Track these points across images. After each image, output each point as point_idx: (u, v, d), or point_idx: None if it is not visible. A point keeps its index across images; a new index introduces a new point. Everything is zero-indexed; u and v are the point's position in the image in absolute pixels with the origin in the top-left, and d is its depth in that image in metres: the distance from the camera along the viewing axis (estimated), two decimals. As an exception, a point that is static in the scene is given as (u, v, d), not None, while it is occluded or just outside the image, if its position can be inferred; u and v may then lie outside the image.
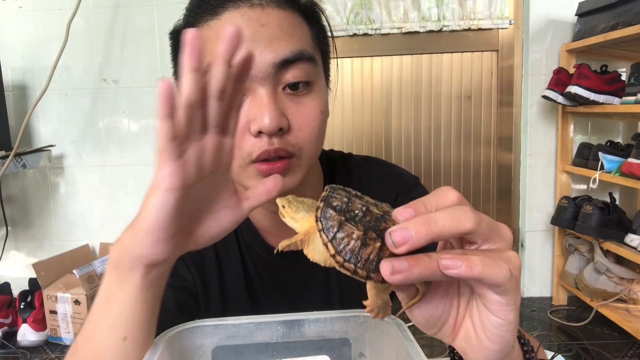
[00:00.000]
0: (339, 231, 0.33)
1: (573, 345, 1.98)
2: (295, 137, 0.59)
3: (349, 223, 0.33)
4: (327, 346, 0.51)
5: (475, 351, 0.38)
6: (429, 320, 0.39)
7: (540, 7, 2.28)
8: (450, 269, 0.31)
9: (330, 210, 0.34)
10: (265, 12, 0.57)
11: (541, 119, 2.36)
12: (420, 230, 0.31)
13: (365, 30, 2.34)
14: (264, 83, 0.57)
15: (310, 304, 0.69)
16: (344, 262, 0.33)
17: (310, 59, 0.59)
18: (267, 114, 0.56)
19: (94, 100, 2.32)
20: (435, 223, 0.31)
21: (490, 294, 0.34)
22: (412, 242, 0.30)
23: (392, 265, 0.31)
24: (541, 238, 2.42)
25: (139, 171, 2.37)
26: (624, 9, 1.86)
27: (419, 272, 0.31)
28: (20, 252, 2.45)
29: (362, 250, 0.32)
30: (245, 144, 0.58)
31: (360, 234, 0.33)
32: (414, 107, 2.45)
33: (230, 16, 0.57)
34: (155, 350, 0.46)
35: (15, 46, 2.30)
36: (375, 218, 0.34)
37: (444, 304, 0.39)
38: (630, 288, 2.02)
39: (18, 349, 2.08)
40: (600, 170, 2.00)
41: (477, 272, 0.31)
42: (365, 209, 0.34)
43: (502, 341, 0.36)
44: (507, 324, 0.35)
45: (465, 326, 0.39)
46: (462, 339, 0.39)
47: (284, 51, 0.57)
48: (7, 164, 1.90)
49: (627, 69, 2.10)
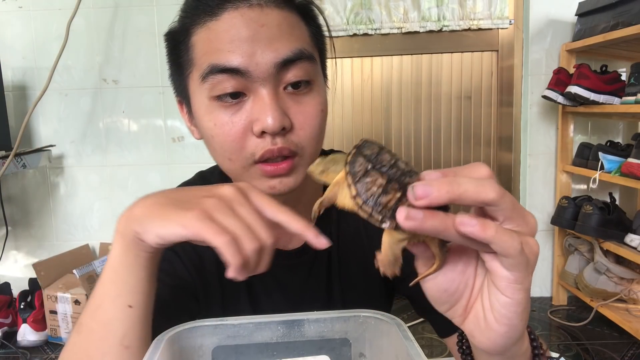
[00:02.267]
0: (364, 176, 0.35)
1: (573, 345, 1.98)
2: (298, 136, 0.59)
3: (374, 171, 0.35)
4: (327, 346, 0.51)
5: (482, 334, 0.38)
6: (442, 295, 0.40)
7: (540, 7, 2.28)
8: (464, 225, 0.31)
9: (360, 158, 0.36)
10: (265, 12, 0.57)
11: (541, 119, 2.36)
12: (442, 188, 0.31)
13: (365, 30, 2.34)
14: (266, 83, 0.57)
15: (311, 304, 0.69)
16: (362, 204, 0.35)
17: (310, 58, 0.60)
18: (270, 114, 0.56)
19: (94, 100, 2.32)
20: (458, 185, 0.32)
21: (499, 267, 0.34)
22: (432, 198, 0.31)
23: (407, 212, 0.31)
24: (541, 238, 2.42)
25: (139, 171, 2.37)
26: (624, 9, 1.86)
27: (432, 225, 0.31)
28: (20, 252, 2.45)
29: (382, 196, 0.34)
30: (248, 144, 0.58)
31: (384, 182, 0.34)
32: (414, 107, 2.46)
33: (229, 17, 0.57)
34: (155, 350, 0.46)
35: (15, 46, 2.30)
36: (401, 172, 0.35)
37: (459, 280, 0.39)
38: (630, 288, 2.02)
39: (18, 349, 2.08)
40: (600, 170, 2.00)
41: (489, 235, 0.31)
42: (394, 162, 0.36)
43: (509, 323, 0.36)
44: (514, 304, 0.35)
45: (476, 307, 0.39)
46: (472, 321, 0.39)
47: (284, 51, 0.57)
48: (7, 164, 1.90)
49: (627, 69, 2.10)
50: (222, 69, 0.57)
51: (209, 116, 0.60)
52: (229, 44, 0.56)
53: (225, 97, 0.58)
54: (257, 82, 0.57)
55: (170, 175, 2.37)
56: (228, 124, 0.59)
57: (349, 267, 0.72)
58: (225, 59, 0.56)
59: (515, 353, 0.42)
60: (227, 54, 0.56)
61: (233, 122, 0.58)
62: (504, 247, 0.32)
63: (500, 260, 0.34)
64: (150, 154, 2.36)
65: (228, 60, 0.56)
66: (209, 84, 0.58)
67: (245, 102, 0.58)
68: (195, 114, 0.63)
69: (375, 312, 0.51)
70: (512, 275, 0.34)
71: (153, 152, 2.35)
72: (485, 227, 0.31)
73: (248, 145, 0.58)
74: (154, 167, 2.36)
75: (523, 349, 0.42)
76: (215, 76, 0.57)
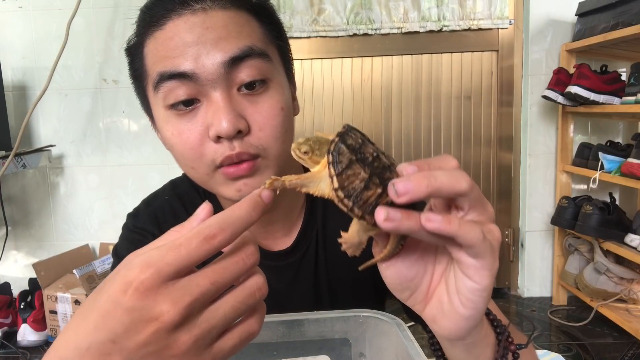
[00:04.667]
0: (347, 168, 0.34)
1: (573, 345, 1.98)
2: (257, 138, 0.58)
3: (358, 163, 0.35)
4: (327, 346, 0.51)
5: (446, 318, 0.39)
6: (402, 282, 0.40)
7: (540, 7, 2.28)
8: (430, 221, 0.32)
9: (343, 147, 0.35)
10: (209, 16, 0.57)
11: (541, 119, 2.36)
12: (421, 183, 0.32)
13: (365, 30, 2.34)
14: (217, 86, 0.56)
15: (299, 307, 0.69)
16: (343, 198, 0.34)
17: (262, 55, 0.58)
18: (224, 118, 0.55)
19: (94, 100, 2.32)
20: (435, 179, 0.33)
21: (466, 257, 0.35)
22: (412, 194, 0.32)
23: (387, 212, 0.32)
24: (541, 238, 2.42)
25: (139, 171, 2.37)
26: (624, 9, 1.86)
27: (408, 225, 0.33)
28: (20, 252, 2.45)
29: (364, 192, 0.34)
30: (207, 151, 0.57)
31: (366, 176, 0.34)
32: (414, 107, 2.45)
33: (173, 25, 0.56)
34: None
35: (15, 46, 2.30)
36: (382, 166, 0.35)
37: (418, 266, 0.40)
38: (630, 288, 2.02)
39: (18, 349, 2.08)
40: (600, 170, 2.00)
41: (453, 228, 0.33)
42: (376, 155, 0.35)
43: (474, 307, 0.37)
44: (481, 290, 0.36)
45: (438, 292, 0.40)
46: (434, 306, 0.40)
47: (231, 49, 0.56)
48: (7, 164, 1.90)
49: (627, 69, 2.10)
50: (170, 75, 0.56)
51: (167, 126, 0.60)
52: (173, 50, 0.56)
53: (179, 104, 0.57)
54: (207, 85, 0.56)
55: (170, 175, 2.35)
56: (185, 132, 0.58)
57: (336, 268, 0.72)
58: (171, 65, 0.56)
59: (476, 339, 0.42)
60: (173, 60, 0.56)
61: (189, 129, 0.57)
62: (467, 238, 0.33)
63: (465, 250, 0.35)
64: (150, 154, 2.36)
65: (174, 65, 0.56)
66: (162, 93, 0.57)
67: (199, 108, 0.57)
68: (157, 126, 0.63)
69: (375, 312, 0.51)
70: (478, 262, 0.35)
71: (153, 152, 2.35)
72: (450, 222, 0.33)
73: (207, 152, 0.57)
74: (154, 167, 2.36)
75: (483, 334, 0.43)
76: (165, 84, 0.57)
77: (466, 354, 0.43)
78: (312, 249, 0.71)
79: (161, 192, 0.78)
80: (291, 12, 2.31)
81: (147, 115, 0.66)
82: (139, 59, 0.61)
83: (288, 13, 2.31)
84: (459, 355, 0.43)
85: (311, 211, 0.72)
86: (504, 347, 0.44)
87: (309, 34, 2.33)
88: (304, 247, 0.71)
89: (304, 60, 2.40)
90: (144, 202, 0.78)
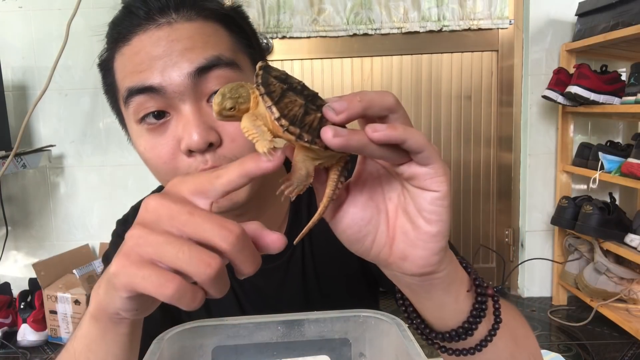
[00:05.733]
0: (282, 97, 0.33)
1: (573, 345, 1.98)
2: (230, 150, 0.56)
3: (290, 92, 0.34)
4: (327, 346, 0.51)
5: (416, 246, 0.38)
6: (361, 226, 0.39)
7: (540, 7, 2.28)
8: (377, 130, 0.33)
9: (270, 78, 0.34)
10: (174, 28, 0.56)
11: (541, 119, 2.36)
12: (354, 99, 0.33)
13: (365, 30, 2.34)
14: (185, 98, 0.55)
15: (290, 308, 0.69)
16: (289, 126, 0.33)
17: (230, 64, 0.57)
18: (194, 130, 0.54)
19: (94, 100, 2.32)
20: (365, 95, 0.33)
21: (418, 168, 0.35)
22: (349, 110, 0.33)
23: (335, 129, 0.32)
24: (541, 238, 2.42)
25: (139, 171, 2.36)
26: (624, 9, 1.86)
27: (357, 140, 0.32)
28: (20, 252, 2.45)
29: (305, 117, 0.33)
30: (181, 165, 0.57)
31: (302, 102, 0.33)
32: (414, 107, 2.45)
33: (139, 40, 0.56)
34: (155, 350, 0.46)
35: (15, 46, 2.30)
36: (312, 94, 0.35)
37: (370, 206, 0.39)
38: (630, 288, 2.02)
39: (18, 349, 2.08)
40: (600, 170, 2.00)
41: (400, 132, 0.33)
42: (302, 86, 0.35)
43: (440, 219, 0.37)
44: (442, 197, 0.36)
45: (400, 225, 0.39)
46: (401, 240, 0.39)
47: (197, 59, 0.55)
48: (7, 164, 1.90)
49: (627, 69, 2.10)
50: (137, 90, 0.55)
51: (139, 140, 0.59)
52: (140, 65, 0.55)
53: (149, 117, 0.57)
54: (176, 98, 0.55)
55: (170, 175, 2.36)
56: (157, 146, 0.57)
57: (325, 266, 0.71)
58: (138, 80, 0.55)
59: (450, 271, 0.41)
60: (140, 74, 0.55)
61: (161, 144, 0.57)
62: (415, 140, 0.34)
63: (416, 159, 0.35)
64: (150, 154, 2.36)
65: (141, 80, 0.55)
66: (132, 108, 0.57)
67: (170, 121, 0.57)
68: (132, 141, 0.63)
69: (375, 312, 0.51)
70: (432, 169, 0.35)
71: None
72: (395, 128, 0.33)
73: (180, 165, 0.57)
74: (154, 167, 2.37)
75: (455, 266, 0.42)
76: (134, 99, 0.56)
77: (445, 294, 0.42)
78: (299, 251, 0.71)
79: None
80: (291, 12, 2.31)
81: (123, 129, 0.66)
82: (110, 74, 0.61)
83: (288, 13, 2.31)
84: (438, 298, 0.42)
85: (295, 214, 0.71)
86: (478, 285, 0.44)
87: (309, 34, 2.33)
88: (290, 249, 0.71)
89: (304, 60, 2.40)
90: (133, 209, 0.78)
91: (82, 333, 0.44)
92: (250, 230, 0.36)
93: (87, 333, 0.43)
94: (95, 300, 0.41)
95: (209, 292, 0.34)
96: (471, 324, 0.43)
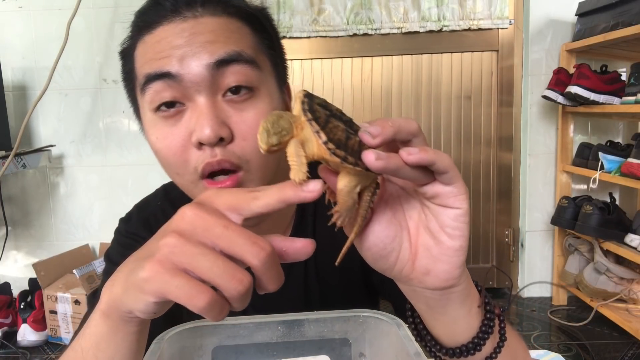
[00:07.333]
0: (327, 122, 0.36)
1: (573, 345, 1.98)
2: (241, 148, 0.56)
3: (332, 117, 0.36)
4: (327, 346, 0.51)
5: (439, 260, 0.40)
6: (386, 244, 0.40)
7: (540, 7, 2.28)
8: (411, 154, 0.35)
9: (315, 105, 0.36)
10: (199, 22, 0.56)
11: (541, 119, 2.36)
12: (386, 125, 0.35)
13: (365, 30, 2.34)
14: (201, 89, 0.55)
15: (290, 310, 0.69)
16: (335, 149, 0.35)
17: (250, 62, 0.57)
18: (207, 124, 0.54)
19: (94, 100, 2.32)
20: (394, 121, 0.36)
21: (442, 187, 0.38)
22: (383, 134, 0.35)
23: (376, 153, 0.34)
24: (541, 238, 2.42)
25: (139, 171, 2.37)
26: (624, 9, 1.86)
27: (394, 162, 0.35)
28: (20, 252, 2.45)
29: (348, 141, 0.35)
30: (191, 157, 0.57)
31: (344, 127, 0.36)
32: (414, 107, 2.45)
33: (163, 29, 0.57)
34: (155, 350, 0.46)
35: (15, 46, 2.30)
36: (348, 120, 0.37)
37: (394, 224, 0.41)
38: (630, 288, 2.02)
39: (18, 349, 2.08)
40: (600, 170, 2.00)
41: (431, 155, 0.35)
42: (341, 112, 0.38)
43: (462, 234, 0.39)
44: (464, 214, 0.38)
45: (422, 241, 0.41)
46: (423, 256, 0.41)
47: (218, 52, 0.55)
48: (7, 164, 1.90)
49: (627, 69, 2.10)
50: (155, 75, 0.56)
51: (152, 129, 0.59)
52: (160, 53, 0.56)
53: (163, 106, 0.57)
54: (192, 88, 0.55)
55: (170, 175, 2.36)
56: (169, 136, 0.57)
57: (327, 271, 0.71)
58: (157, 66, 0.56)
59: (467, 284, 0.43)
60: (159, 61, 0.55)
61: (173, 134, 0.57)
62: (443, 162, 0.36)
63: (440, 179, 0.37)
64: (150, 154, 2.31)
65: (160, 66, 0.55)
66: (148, 95, 0.57)
67: (184, 112, 0.57)
68: (144, 130, 0.62)
69: (375, 312, 0.51)
70: (455, 188, 0.38)
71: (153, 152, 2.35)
72: (425, 151, 0.35)
73: (190, 158, 0.57)
74: (154, 167, 2.34)
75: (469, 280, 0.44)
76: (151, 85, 0.56)
77: (460, 307, 0.43)
78: None
79: (153, 198, 0.77)
80: (291, 12, 2.31)
81: (137, 119, 0.66)
82: (130, 62, 0.61)
83: (288, 13, 2.31)
84: (454, 312, 0.44)
85: (301, 220, 0.71)
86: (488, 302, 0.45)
87: (309, 34, 2.33)
88: None
89: (304, 60, 2.40)
90: (136, 207, 0.78)
91: (91, 331, 0.43)
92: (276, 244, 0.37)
93: (96, 330, 0.43)
94: (108, 297, 0.40)
95: (233, 306, 0.36)
96: (480, 339, 0.44)
